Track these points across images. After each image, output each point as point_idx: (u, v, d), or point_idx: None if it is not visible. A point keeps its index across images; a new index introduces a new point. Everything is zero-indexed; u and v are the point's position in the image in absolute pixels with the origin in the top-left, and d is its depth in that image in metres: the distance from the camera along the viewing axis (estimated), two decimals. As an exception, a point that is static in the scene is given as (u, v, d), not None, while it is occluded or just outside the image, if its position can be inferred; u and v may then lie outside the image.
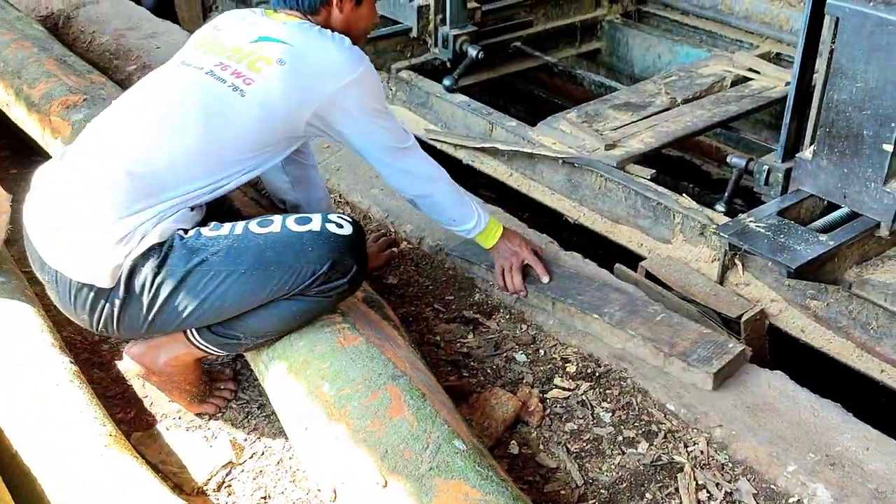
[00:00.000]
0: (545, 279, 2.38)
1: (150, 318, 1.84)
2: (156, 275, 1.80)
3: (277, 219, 1.88)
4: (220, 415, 2.10)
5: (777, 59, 4.16)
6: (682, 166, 4.54)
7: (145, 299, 1.81)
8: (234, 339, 1.93)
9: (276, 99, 1.90)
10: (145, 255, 1.80)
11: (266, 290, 1.82)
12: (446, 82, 4.06)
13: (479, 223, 2.29)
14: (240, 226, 1.86)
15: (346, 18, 2.08)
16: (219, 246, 1.82)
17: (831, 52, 2.67)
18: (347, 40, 2.01)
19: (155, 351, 2.00)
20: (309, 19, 2.04)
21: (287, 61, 1.91)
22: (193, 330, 1.93)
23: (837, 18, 2.62)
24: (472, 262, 2.53)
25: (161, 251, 1.81)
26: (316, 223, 1.85)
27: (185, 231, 1.85)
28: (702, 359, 2.10)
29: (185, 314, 1.83)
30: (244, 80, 1.90)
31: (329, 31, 2.02)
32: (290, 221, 1.86)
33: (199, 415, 2.09)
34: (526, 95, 4.98)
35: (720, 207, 3.25)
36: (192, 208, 1.89)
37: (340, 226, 1.87)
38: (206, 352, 1.98)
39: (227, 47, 1.99)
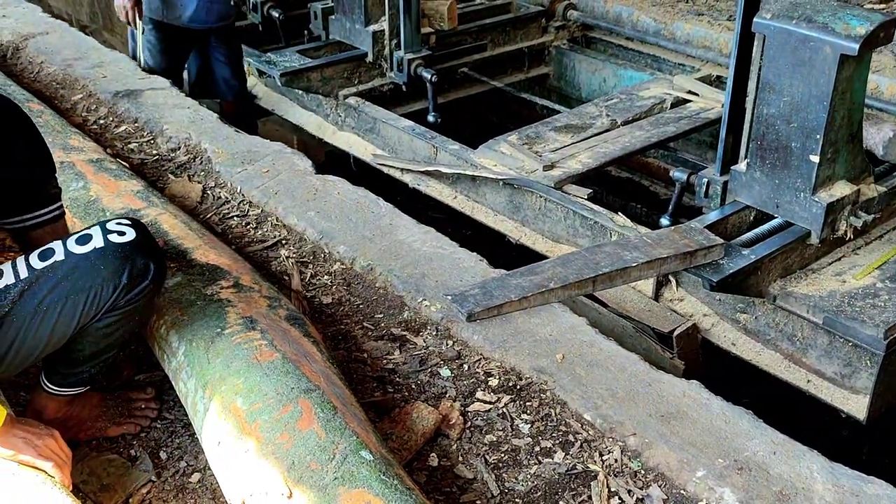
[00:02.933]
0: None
1: None
2: None
3: (58, 245, 1.82)
4: (143, 434, 2.11)
5: (717, 81, 4.26)
6: (630, 187, 4.62)
7: None
8: (80, 374, 1.93)
9: None
10: None
11: (75, 318, 1.79)
12: (430, 118, 4.17)
13: None
14: (21, 266, 1.79)
15: None
16: (11, 296, 1.77)
17: (760, 68, 2.75)
18: None
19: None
20: None
21: None
22: (44, 380, 1.94)
23: (764, 36, 2.71)
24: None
25: None
26: (98, 238, 1.81)
27: None
28: None
29: (5, 365, 1.81)
30: None
31: None
32: (72, 244, 1.81)
33: (122, 436, 2.10)
34: (479, 119, 5.06)
35: (665, 221, 3.32)
36: None
37: (122, 233, 1.82)
38: (67, 395, 1.97)
39: None
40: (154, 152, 3.38)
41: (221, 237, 2.81)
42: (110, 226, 1.85)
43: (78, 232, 1.86)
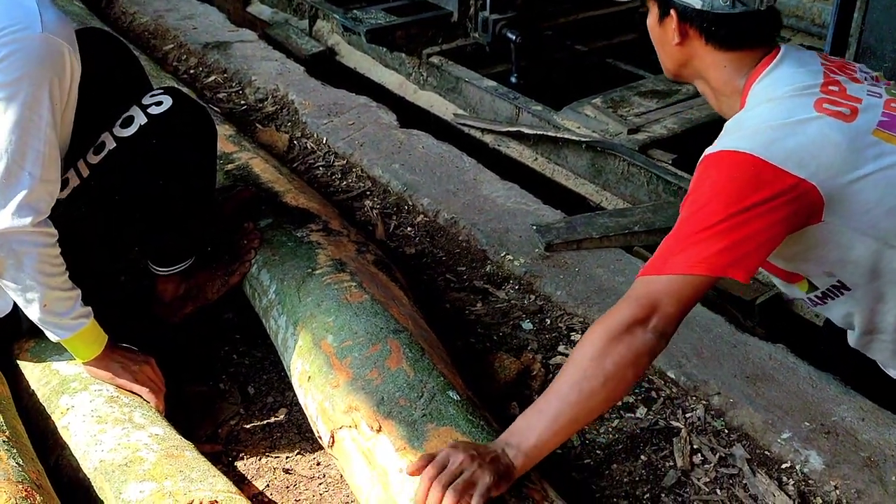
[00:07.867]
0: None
1: None
2: None
3: (107, 137, 1.84)
4: (231, 370, 2.17)
5: (809, 51, 4.13)
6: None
7: None
8: (184, 246, 2.09)
9: None
10: None
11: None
12: (512, 79, 4.15)
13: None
14: (82, 166, 1.83)
15: None
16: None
17: (861, 32, 2.68)
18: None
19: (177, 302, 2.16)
20: None
21: None
22: (155, 268, 2.10)
23: (867, 0, 2.64)
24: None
25: None
26: (139, 115, 1.84)
27: None
28: None
29: None
30: None
31: None
32: (118, 131, 1.84)
33: (211, 370, 2.16)
34: (560, 83, 5.01)
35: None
36: None
37: (160, 103, 1.86)
38: (179, 271, 2.13)
39: None
40: (242, 102, 3.44)
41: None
42: (145, 101, 1.87)
43: (120, 117, 1.86)
